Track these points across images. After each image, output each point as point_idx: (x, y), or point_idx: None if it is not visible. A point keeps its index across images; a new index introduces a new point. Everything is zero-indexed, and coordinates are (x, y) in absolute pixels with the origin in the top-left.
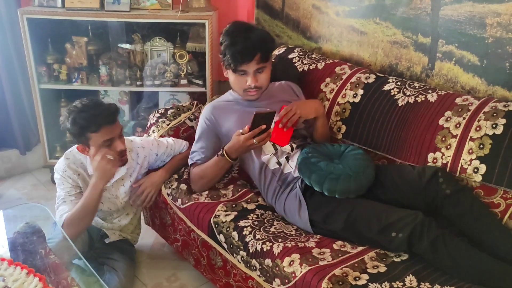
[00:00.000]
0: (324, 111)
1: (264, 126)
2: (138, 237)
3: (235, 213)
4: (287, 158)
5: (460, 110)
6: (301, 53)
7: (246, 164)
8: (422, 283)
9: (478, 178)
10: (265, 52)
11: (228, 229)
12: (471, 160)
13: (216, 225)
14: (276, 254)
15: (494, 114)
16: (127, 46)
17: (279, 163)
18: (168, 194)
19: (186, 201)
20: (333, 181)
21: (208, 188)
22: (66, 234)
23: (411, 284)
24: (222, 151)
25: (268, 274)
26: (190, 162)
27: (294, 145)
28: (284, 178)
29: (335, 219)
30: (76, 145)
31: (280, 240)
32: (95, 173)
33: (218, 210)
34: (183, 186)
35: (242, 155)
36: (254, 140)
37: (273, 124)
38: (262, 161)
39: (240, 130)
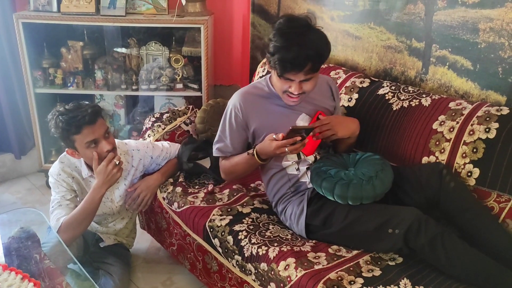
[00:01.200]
0: (358, 132)
1: (299, 138)
2: (133, 241)
3: (230, 217)
4: (308, 168)
5: (453, 114)
6: None
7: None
8: (416, 286)
9: (471, 181)
10: (317, 63)
11: (223, 233)
12: (464, 164)
13: (211, 229)
14: (272, 258)
15: (487, 118)
16: (123, 50)
17: (298, 170)
18: (163, 198)
19: (182, 204)
20: (344, 186)
21: (241, 177)
22: (62, 238)
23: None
24: (253, 151)
25: (263, 278)
26: (218, 154)
27: (318, 157)
28: (298, 186)
29: (334, 221)
30: (66, 150)
31: (275, 244)
32: (98, 177)
33: (213, 214)
34: (179, 189)
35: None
36: (286, 149)
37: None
38: (282, 165)
39: (274, 136)
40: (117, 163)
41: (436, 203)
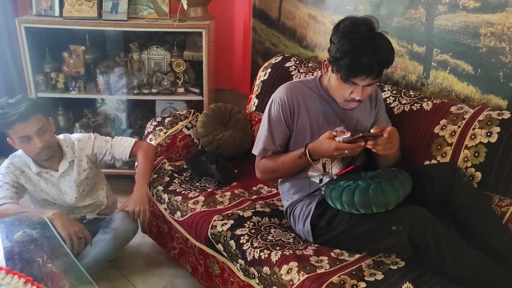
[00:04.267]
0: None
1: (363, 143)
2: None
3: (232, 221)
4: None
5: (455, 118)
6: (297, 62)
7: None
8: None
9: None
10: (383, 68)
11: (225, 238)
12: (466, 168)
13: (213, 236)
14: (274, 262)
15: (489, 123)
16: (124, 54)
17: (320, 181)
18: (165, 209)
19: (185, 213)
20: (350, 192)
21: (278, 179)
22: None
23: None
24: (305, 150)
25: (266, 282)
26: (262, 154)
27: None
28: (315, 195)
29: (338, 222)
30: (7, 138)
31: (278, 248)
32: (60, 218)
33: (215, 220)
34: (178, 198)
35: None
36: (346, 151)
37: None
38: (307, 174)
39: (334, 133)
40: (81, 237)
41: (445, 200)
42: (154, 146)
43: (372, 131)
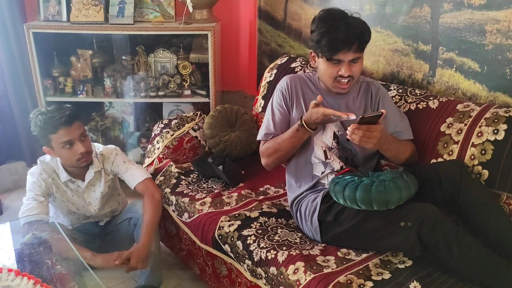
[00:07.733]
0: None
1: (344, 114)
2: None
3: (239, 222)
4: (331, 172)
5: (461, 116)
6: (303, 62)
7: (295, 154)
8: None
9: None
10: (363, 41)
11: (232, 239)
12: (473, 166)
13: (220, 237)
14: (281, 262)
15: (496, 120)
16: (131, 58)
17: (323, 173)
18: (173, 211)
19: (192, 214)
20: (353, 187)
21: (282, 162)
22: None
23: None
24: (301, 121)
25: (273, 282)
26: (264, 138)
27: (345, 167)
28: (318, 189)
29: (345, 217)
30: (43, 147)
31: (284, 248)
32: (102, 261)
33: (222, 221)
34: (186, 200)
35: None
36: (332, 116)
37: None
38: (311, 162)
39: (314, 101)
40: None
41: (453, 198)
42: (162, 192)
43: None
